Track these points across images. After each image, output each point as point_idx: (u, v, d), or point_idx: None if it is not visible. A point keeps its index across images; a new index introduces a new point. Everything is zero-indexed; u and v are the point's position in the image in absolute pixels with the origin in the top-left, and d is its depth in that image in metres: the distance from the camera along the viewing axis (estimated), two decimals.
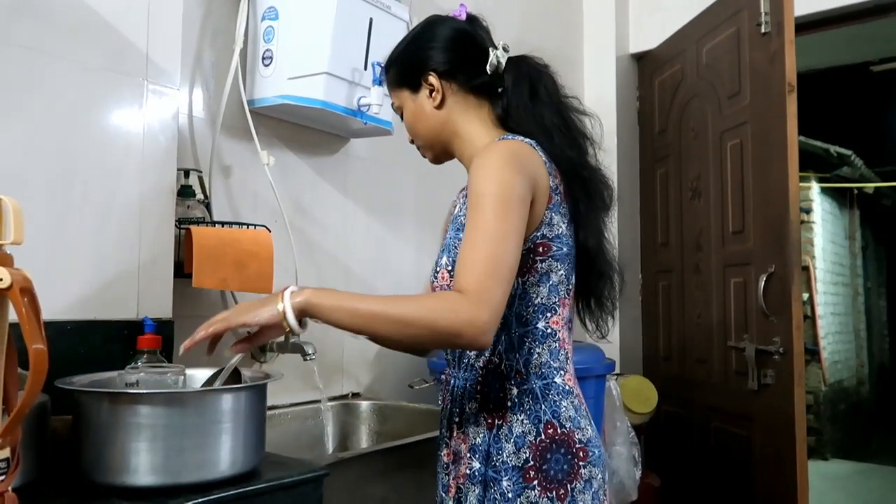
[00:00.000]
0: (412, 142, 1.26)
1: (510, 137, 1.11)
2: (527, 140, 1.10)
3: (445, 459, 1.15)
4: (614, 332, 1.27)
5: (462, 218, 1.08)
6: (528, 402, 1.06)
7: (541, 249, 1.07)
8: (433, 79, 1.16)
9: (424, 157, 1.26)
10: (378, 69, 1.62)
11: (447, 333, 0.93)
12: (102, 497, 0.80)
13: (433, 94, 1.16)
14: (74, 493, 0.82)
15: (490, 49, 1.16)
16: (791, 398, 2.01)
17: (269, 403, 1.55)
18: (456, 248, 1.08)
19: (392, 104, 1.25)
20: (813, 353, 5.82)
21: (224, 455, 0.88)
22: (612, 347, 2.61)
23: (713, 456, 2.42)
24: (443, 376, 1.22)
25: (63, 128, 1.14)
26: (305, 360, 1.58)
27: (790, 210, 2.04)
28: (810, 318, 5.83)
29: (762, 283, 2.12)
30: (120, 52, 1.22)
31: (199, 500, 0.82)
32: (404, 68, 1.19)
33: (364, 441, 1.76)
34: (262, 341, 1.03)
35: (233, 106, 1.57)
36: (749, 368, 2.18)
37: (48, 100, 1.13)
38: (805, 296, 5.78)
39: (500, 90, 1.18)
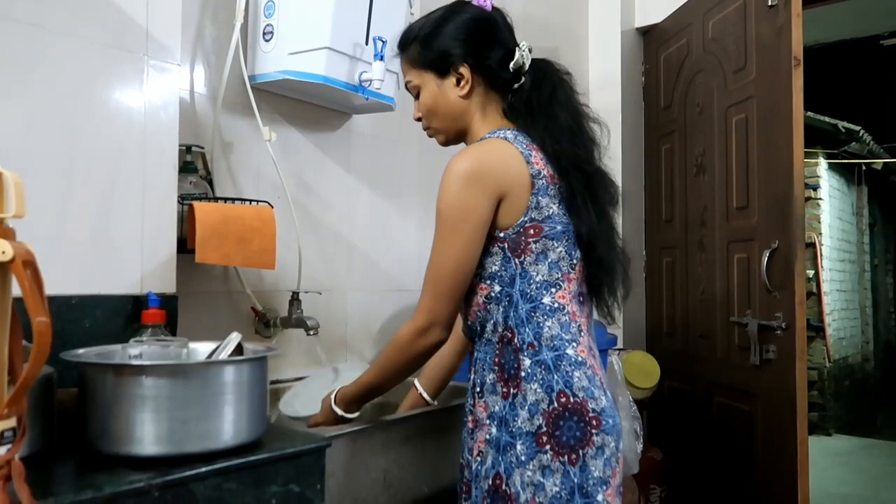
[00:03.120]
0: (419, 119, 1.29)
1: (487, 136, 1.19)
2: (505, 135, 1.17)
3: (470, 426, 1.22)
4: None
5: None
6: (541, 372, 1.13)
7: (532, 231, 1.14)
8: (465, 70, 1.21)
9: (432, 137, 1.30)
10: (380, 44, 1.61)
11: (419, 358, 1.21)
12: (108, 466, 0.82)
13: (462, 84, 1.21)
14: (81, 462, 0.84)
15: (516, 48, 1.22)
16: (793, 373, 2.02)
17: (273, 378, 1.57)
18: None
19: (407, 82, 1.27)
20: (818, 330, 5.82)
21: (227, 426, 0.89)
22: (616, 323, 2.62)
23: (715, 430, 2.43)
24: (470, 352, 1.29)
25: (64, 104, 1.15)
26: (309, 334, 1.61)
27: (795, 185, 2.03)
28: (816, 295, 5.83)
29: (766, 259, 2.12)
30: (120, 27, 1.22)
31: (203, 469, 0.83)
32: (432, 52, 1.22)
33: (366, 415, 1.77)
34: None
35: (234, 82, 1.56)
36: (751, 344, 2.18)
37: (49, 76, 1.13)
38: (811, 272, 5.77)
39: (514, 86, 1.23)
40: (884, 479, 4.56)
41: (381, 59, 1.60)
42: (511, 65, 1.21)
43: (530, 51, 1.23)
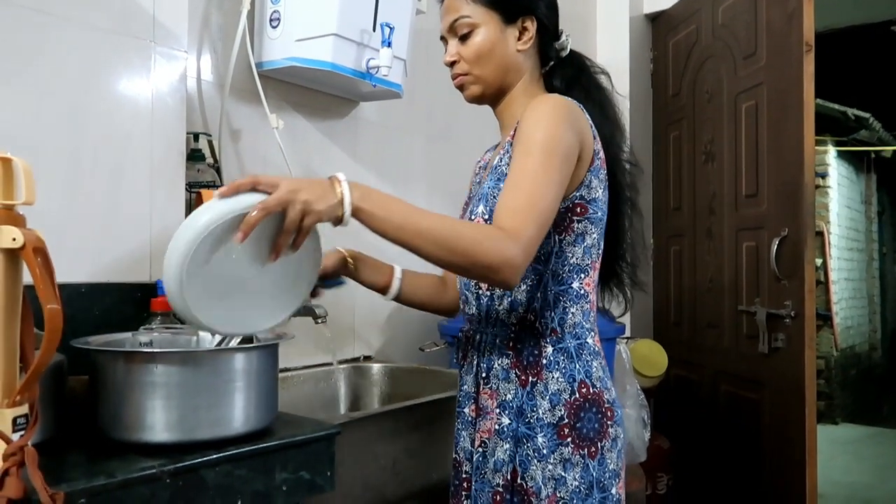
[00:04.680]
0: (451, 64, 1.14)
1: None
2: (577, 102, 1.11)
3: (471, 415, 1.15)
4: None
5: (504, 167, 1.09)
6: (564, 360, 1.08)
7: (578, 210, 1.08)
8: (531, 23, 1.14)
9: (462, 87, 1.16)
10: (387, 30, 1.59)
11: (485, 267, 0.92)
12: (119, 453, 0.82)
13: (523, 36, 1.14)
14: (92, 449, 0.84)
15: (562, 31, 1.19)
16: (801, 362, 2.02)
17: (282, 366, 1.57)
18: (495, 197, 1.07)
19: (457, 18, 1.12)
20: (825, 319, 5.81)
21: (237, 413, 0.89)
22: (626, 313, 2.62)
23: (723, 419, 2.43)
24: (460, 333, 1.23)
25: (72, 91, 1.14)
26: (317, 322, 1.60)
27: (805, 173, 2.02)
28: (823, 284, 5.80)
29: (775, 247, 2.11)
30: (127, 14, 1.21)
31: (213, 456, 0.83)
32: None
33: (375, 403, 1.78)
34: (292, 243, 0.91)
35: (241, 69, 1.56)
36: (760, 332, 2.18)
37: (56, 63, 1.12)
38: (819, 261, 5.74)
39: (545, 69, 1.20)
40: (890, 467, 4.55)
41: (389, 45, 1.59)
42: (556, 44, 1.17)
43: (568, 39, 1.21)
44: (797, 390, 2.03)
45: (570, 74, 1.18)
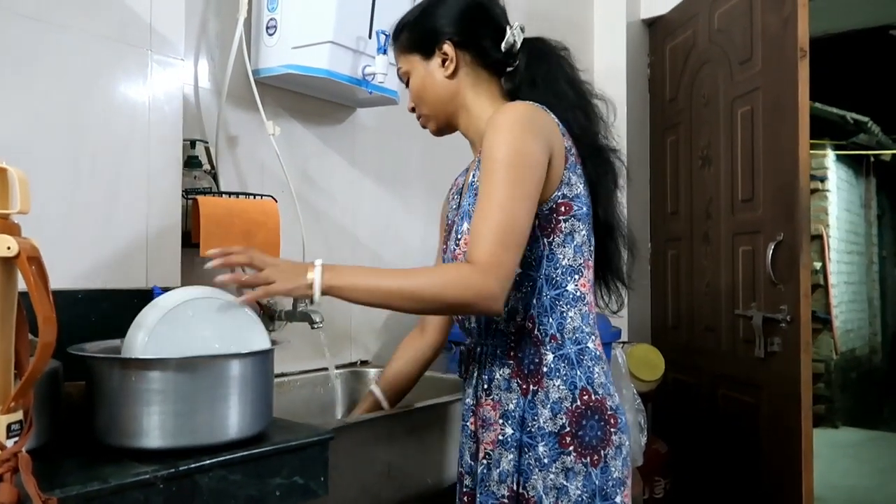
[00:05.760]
0: (413, 110, 1.25)
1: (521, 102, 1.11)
2: (538, 104, 1.10)
3: (472, 427, 1.15)
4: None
5: (478, 184, 1.09)
6: (564, 367, 1.07)
7: (563, 209, 1.08)
8: (448, 47, 1.15)
9: (425, 127, 1.25)
10: (383, 38, 1.61)
11: (459, 306, 1.00)
12: (114, 458, 0.83)
13: (446, 63, 1.16)
14: (87, 454, 0.85)
15: (507, 27, 1.17)
16: (798, 365, 2.02)
17: (278, 371, 1.58)
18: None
19: (398, 70, 1.24)
20: (825, 322, 5.80)
21: (232, 418, 0.90)
22: (620, 315, 2.62)
23: (720, 423, 2.43)
24: (462, 347, 1.22)
25: (69, 99, 1.15)
26: (313, 328, 1.61)
27: (800, 177, 2.03)
28: (823, 287, 5.80)
29: (770, 251, 2.11)
30: (123, 22, 1.22)
31: (208, 461, 0.84)
32: (418, 33, 1.18)
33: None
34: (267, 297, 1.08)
35: (238, 76, 1.57)
36: (756, 336, 2.18)
37: (53, 71, 1.13)
38: (818, 265, 5.75)
39: (509, 69, 1.18)
40: (890, 471, 4.55)
41: (385, 52, 1.60)
42: (502, 44, 1.15)
43: (522, 30, 1.17)
44: (794, 394, 2.03)
45: (527, 71, 1.16)
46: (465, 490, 1.16)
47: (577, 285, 1.09)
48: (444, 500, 1.32)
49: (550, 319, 1.08)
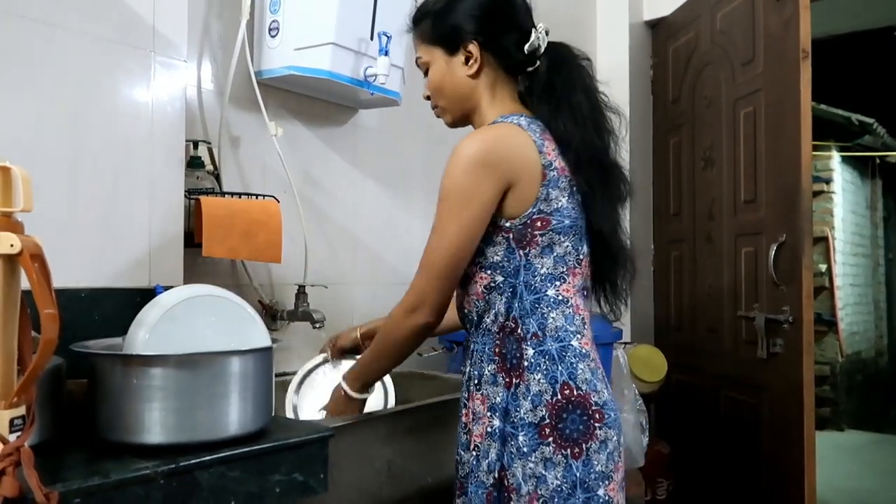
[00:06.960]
0: (428, 97, 1.25)
1: (500, 121, 1.15)
2: (519, 122, 1.13)
3: (464, 420, 1.20)
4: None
5: None
6: (545, 362, 1.10)
7: (539, 224, 1.11)
8: (474, 47, 1.16)
9: (440, 117, 1.26)
10: (384, 39, 1.62)
11: (413, 342, 1.17)
12: (115, 454, 0.83)
13: (470, 63, 1.17)
14: (89, 450, 0.86)
15: (532, 29, 1.18)
16: (800, 367, 2.02)
17: (281, 370, 1.59)
18: None
19: (417, 59, 1.24)
20: (830, 324, 5.78)
21: (232, 415, 0.91)
22: (623, 317, 2.63)
23: (722, 424, 2.43)
24: (463, 343, 1.27)
25: (72, 100, 1.17)
26: (315, 327, 1.63)
27: (802, 179, 2.03)
28: (828, 289, 5.78)
29: (773, 252, 2.11)
30: (127, 24, 1.24)
31: (208, 457, 0.85)
32: (442, 27, 1.18)
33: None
34: None
35: (240, 77, 1.58)
36: (759, 337, 2.18)
37: (57, 72, 1.15)
38: (824, 267, 5.73)
39: (529, 69, 1.19)
40: (894, 473, 4.53)
41: (386, 54, 1.61)
42: (526, 46, 1.16)
43: (547, 33, 1.18)
44: (796, 396, 2.03)
45: (546, 76, 1.17)
46: (458, 478, 1.20)
47: (558, 290, 1.13)
48: (444, 498, 1.33)
49: (531, 320, 1.12)
